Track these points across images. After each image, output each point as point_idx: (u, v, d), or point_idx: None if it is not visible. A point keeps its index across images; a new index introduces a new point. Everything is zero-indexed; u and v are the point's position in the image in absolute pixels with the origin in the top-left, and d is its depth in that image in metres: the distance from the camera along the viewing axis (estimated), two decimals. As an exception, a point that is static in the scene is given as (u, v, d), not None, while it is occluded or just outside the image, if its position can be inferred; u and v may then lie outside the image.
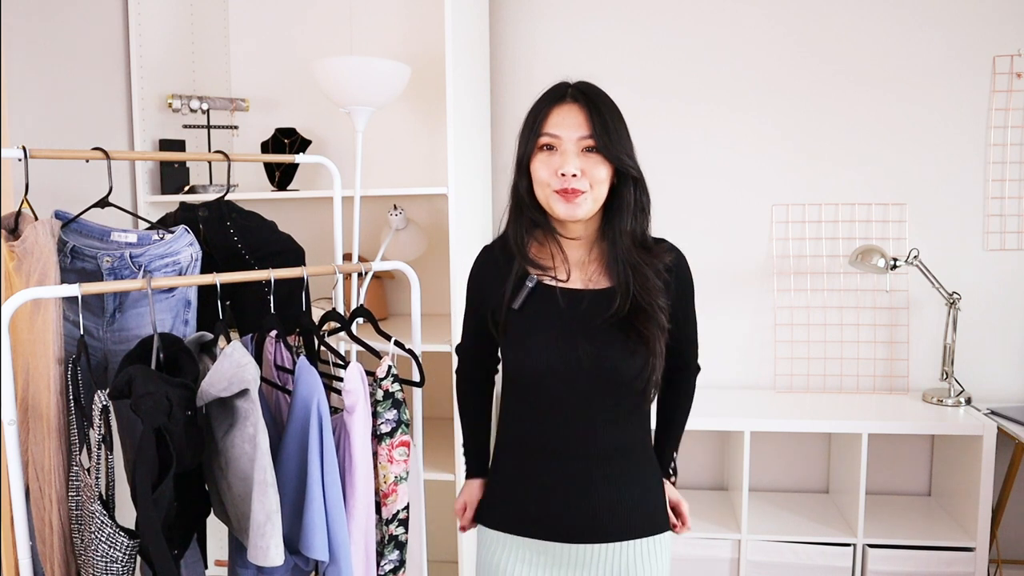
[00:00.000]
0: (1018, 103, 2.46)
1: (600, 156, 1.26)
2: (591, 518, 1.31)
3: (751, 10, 2.56)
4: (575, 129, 1.25)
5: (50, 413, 1.36)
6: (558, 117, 1.27)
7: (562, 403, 1.29)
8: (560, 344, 1.27)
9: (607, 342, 1.27)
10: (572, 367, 1.27)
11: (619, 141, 1.27)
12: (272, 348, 1.56)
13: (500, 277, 1.35)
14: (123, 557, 1.29)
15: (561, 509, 1.31)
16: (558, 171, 1.25)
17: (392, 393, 1.53)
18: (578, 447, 1.30)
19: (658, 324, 1.27)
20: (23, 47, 2.02)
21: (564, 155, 1.25)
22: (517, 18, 2.66)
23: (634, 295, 1.27)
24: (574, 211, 1.26)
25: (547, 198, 1.28)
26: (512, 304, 1.31)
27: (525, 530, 1.34)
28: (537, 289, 1.32)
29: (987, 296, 2.52)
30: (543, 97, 1.31)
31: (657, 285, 1.29)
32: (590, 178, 1.25)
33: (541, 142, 1.28)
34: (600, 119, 1.25)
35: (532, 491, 1.34)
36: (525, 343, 1.30)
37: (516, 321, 1.32)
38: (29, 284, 1.37)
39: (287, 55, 2.68)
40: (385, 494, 1.53)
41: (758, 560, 2.33)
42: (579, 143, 1.25)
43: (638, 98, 2.61)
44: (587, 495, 1.30)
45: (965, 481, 2.32)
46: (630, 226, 1.30)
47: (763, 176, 2.60)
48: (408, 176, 2.64)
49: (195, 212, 1.73)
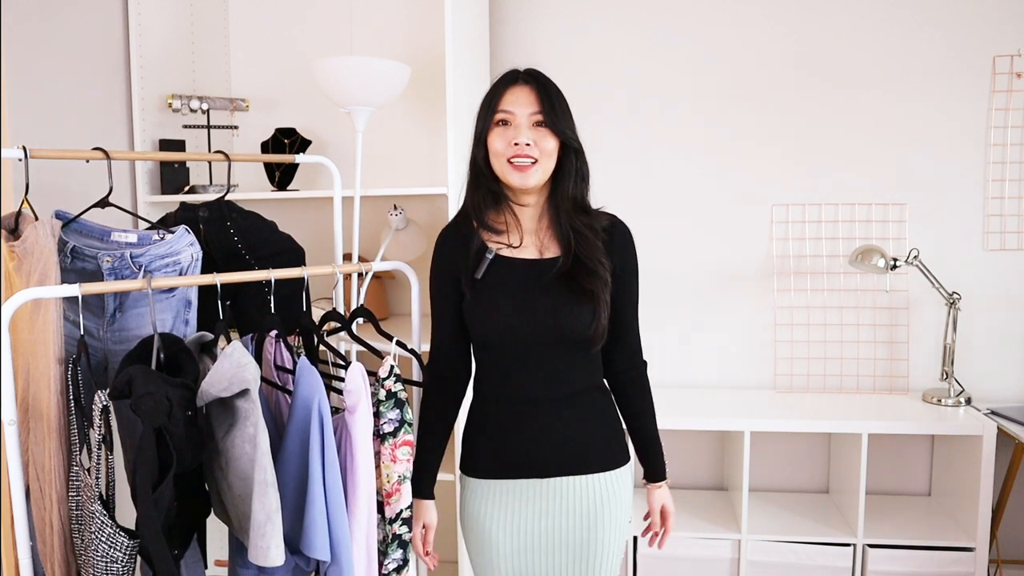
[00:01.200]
0: (1018, 103, 2.46)
1: (548, 130, 1.44)
2: (557, 454, 1.48)
3: (751, 10, 2.56)
4: (527, 106, 1.44)
5: (50, 413, 1.36)
6: (512, 96, 1.45)
7: (525, 356, 1.46)
8: (519, 304, 1.44)
9: (558, 298, 1.44)
10: (531, 323, 1.43)
11: (564, 117, 1.45)
12: (272, 348, 1.56)
13: (465, 249, 1.49)
14: (123, 557, 1.29)
15: (530, 448, 1.48)
16: (512, 141, 1.42)
17: (395, 393, 1.53)
18: (541, 392, 1.47)
19: (600, 277, 1.44)
20: (23, 47, 2.02)
21: (517, 128, 1.43)
22: (517, 18, 2.66)
23: (576, 253, 1.44)
24: (526, 179, 1.43)
25: (502, 168, 1.44)
26: (475, 275, 1.46)
27: (499, 472, 1.50)
28: (496, 260, 1.47)
29: (987, 296, 2.52)
30: (499, 81, 1.49)
31: (596, 245, 1.46)
32: (539, 148, 1.43)
33: (497, 118, 1.45)
34: (548, 98, 1.44)
35: (505, 436, 1.50)
36: (489, 307, 1.46)
37: (480, 289, 1.47)
38: (29, 284, 1.36)
39: (287, 55, 2.68)
40: (388, 493, 1.53)
41: (758, 560, 2.33)
42: (530, 118, 1.43)
43: (638, 98, 2.61)
44: (552, 433, 1.48)
45: (965, 481, 2.32)
46: (571, 191, 1.48)
47: (763, 176, 2.60)
48: (408, 176, 2.64)
49: (195, 212, 1.73)
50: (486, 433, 1.53)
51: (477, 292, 1.47)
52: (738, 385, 2.67)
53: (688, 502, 2.57)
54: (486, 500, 1.52)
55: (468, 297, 1.48)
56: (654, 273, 2.62)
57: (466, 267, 1.48)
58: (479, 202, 1.50)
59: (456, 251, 1.51)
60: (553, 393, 1.48)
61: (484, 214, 1.49)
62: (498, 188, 1.49)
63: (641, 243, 1.58)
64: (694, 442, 2.70)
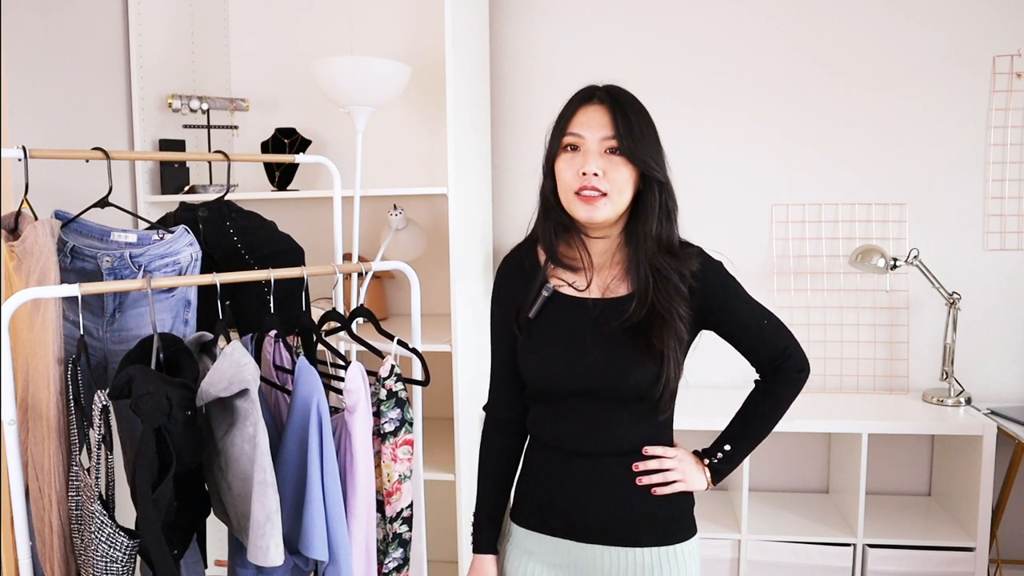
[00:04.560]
0: (1018, 103, 2.46)
1: (623, 158, 1.25)
2: (600, 518, 1.30)
3: (751, 11, 2.56)
4: (599, 129, 1.25)
5: (50, 413, 1.36)
6: (583, 117, 1.27)
7: (571, 408, 1.30)
8: (568, 353, 1.28)
9: (616, 351, 1.26)
10: (578, 376, 1.27)
11: (644, 144, 1.26)
12: (271, 348, 1.56)
13: (526, 281, 1.35)
14: (123, 557, 1.29)
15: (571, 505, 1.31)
16: (580, 171, 1.24)
17: (395, 392, 1.53)
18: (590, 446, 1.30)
19: (675, 333, 1.26)
20: (23, 47, 2.02)
21: (587, 155, 1.25)
22: (517, 18, 2.66)
23: (652, 301, 1.26)
24: (592, 214, 1.25)
25: (569, 202, 1.27)
26: (528, 313, 1.31)
27: (539, 525, 1.34)
28: (553, 298, 1.32)
29: (987, 296, 2.52)
30: (572, 99, 1.32)
31: (681, 291, 1.28)
32: (611, 180, 1.24)
33: (565, 142, 1.28)
34: (625, 120, 1.26)
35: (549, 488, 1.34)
36: (537, 351, 1.31)
37: (531, 330, 1.32)
38: (29, 284, 1.37)
39: (287, 55, 2.68)
40: (389, 492, 1.53)
41: (758, 560, 2.33)
42: (602, 143, 1.25)
43: (638, 98, 2.60)
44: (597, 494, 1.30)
45: (965, 481, 2.32)
46: (655, 231, 1.29)
47: (763, 176, 2.60)
48: (408, 176, 2.64)
49: (195, 212, 1.73)
50: (533, 480, 1.37)
51: (529, 332, 1.32)
52: (739, 385, 2.66)
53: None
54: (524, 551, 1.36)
55: (520, 336, 1.33)
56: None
57: (524, 304, 1.33)
58: (549, 236, 1.32)
59: (518, 283, 1.35)
60: (603, 448, 1.29)
61: (555, 248, 1.32)
62: (568, 220, 1.30)
63: None
64: (694, 442, 2.68)
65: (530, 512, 1.36)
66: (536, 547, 1.35)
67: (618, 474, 1.30)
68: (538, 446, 1.37)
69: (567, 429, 1.30)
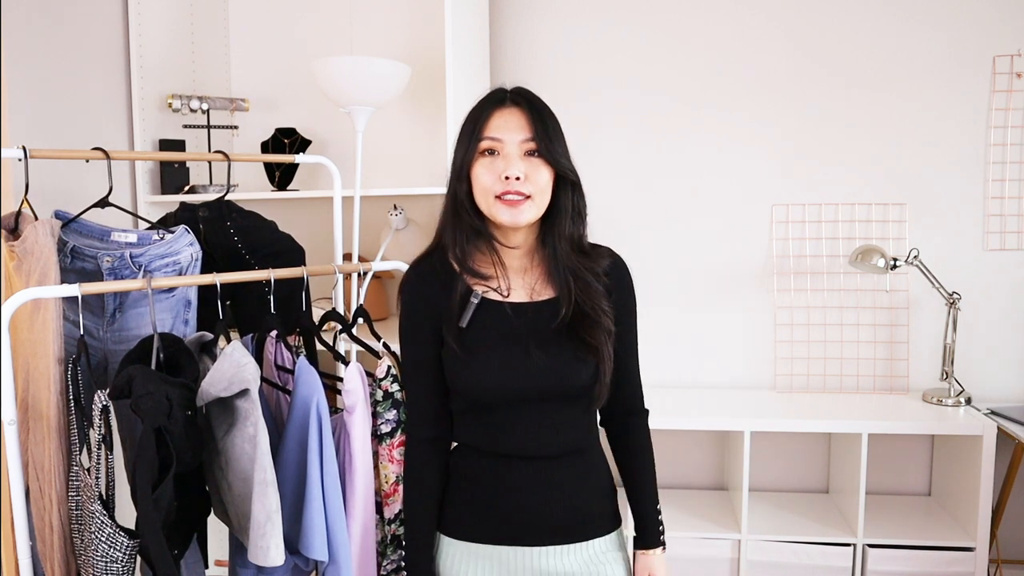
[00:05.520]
0: (1018, 103, 2.46)
1: (542, 160, 1.25)
2: (548, 519, 1.30)
3: (751, 11, 2.56)
4: (517, 132, 1.24)
5: (50, 413, 1.36)
6: (500, 120, 1.26)
7: (514, 413, 1.28)
8: (512, 359, 1.26)
9: (557, 353, 1.26)
10: (526, 380, 1.26)
11: (559, 145, 1.26)
12: (272, 348, 1.56)
13: (444, 290, 1.30)
14: (123, 557, 1.29)
15: (517, 511, 1.30)
16: (502, 175, 1.23)
17: (392, 393, 1.53)
18: (532, 449, 1.29)
19: (604, 329, 1.28)
20: (23, 47, 2.02)
21: (507, 158, 1.24)
22: (517, 18, 2.66)
23: (576, 301, 1.27)
24: (517, 217, 1.24)
25: (490, 206, 1.25)
26: (460, 322, 1.27)
27: (482, 535, 1.31)
28: (482, 304, 1.28)
29: (987, 296, 2.52)
30: (482, 101, 1.29)
31: (598, 289, 1.29)
32: (533, 182, 1.24)
33: (483, 146, 1.26)
34: (541, 122, 1.25)
35: (489, 496, 1.31)
36: (476, 361, 1.27)
37: (464, 339, 1.28)
38: (29, 284, 1.37)
39: (287, 55, 2.68)
40: (387, 494, 1.53)
41: (758, 560, 2.33)
42: (521, 146, 1.24)
43: (638, 98, 2.61)
44: (544, 495, 1.29)
45: (965, 481, 2.32)
46: (568, 231, 1.30)
47: (763, 176, 2.60)
48: (408, 176, 2.64)
49: (195, 212, 1.73)
50: (467, 491, 1.33)
51: (461, 342, 1.27)
52: (738, 385, 2.67)
53: (688, 502, 2.57)
54: (465, 565, 1.32)
55: (452, 348, 1.27)
56: (654, 274, 2.62)
57: (449, 314, 1.28)
58: (462, 243, 1.29)
59: (436, 293, 1.30)
60: (546, 451, 1.29)
61: (468, 255, 1.29)
62: (481, 225, 1.29)
63: (641, 243, 1.53)
64: (694, 442, 2.70)
65: (468, 522, 1.32)
66: (477, 557, 1.31)
67: (570, 473, 1.31)
68: (475, 455, 1.32)
69: (513, 435, 1.28)
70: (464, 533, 1.33)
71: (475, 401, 1.30)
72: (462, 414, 1.34)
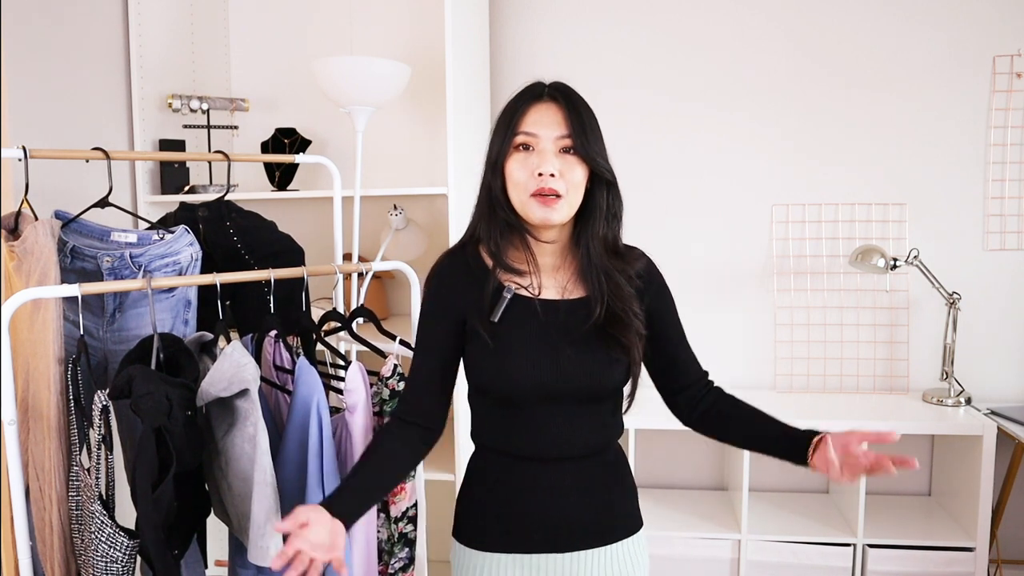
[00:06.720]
0: (1018, 103, 2.46)
1: (577, 157, 1.22)
2: (578, 522, 1.27)
3: (751, 10, 2.56)
4: (553, 128, 1.22)
5: (50, 413, 1.36)
6: (536, 115, 1.23)
7: (543, 413, 1.25)
8: (543, 356, 1.24)
9: (589, 353, 1.25)
10: (558, 378, 1.24)
11: (596, 143, 1.24)
12: (272, 348, 1.56)
13: (475, 284, 1.28)
14: (123, 557, 1.29)
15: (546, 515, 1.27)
16: (535, 171, 1.21)
17: (397, 392, 1.53)
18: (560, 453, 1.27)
19: (635, 331, 1.26)
20: (23, 47, 2.02)
21: (542, 154, 1.21)
22: (517, 18, 2.66)
23: (608, 303, 1.25)
24: (550, 215, 1.22)
25: (523, 203, 1.23)
26: (492, 317, 1.25)
27: (508, 544, 1.28)
28: (513, 300, 1.26)
29: (987, 296, 2.52)
30: (519, 95, 1.27)
31: (630, 292, 1.28)
32: (567, 180, 1.22)
33: (517, 141, 1.23)
34: (578, 119, 1.23)
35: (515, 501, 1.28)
36: (506, 357, 1.25)
37: (494, 335, 1.25)
38: (29, 284, 1.37)
39: (287, 55, 2.68)
40: (393, 493, 1.53)
41: (758, 560, 2.33)
42: (557, 142, 1.22)
43: (639, 98, 2.61)
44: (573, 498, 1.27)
45: (965, 481, 2.32)
46: (602, 232, 1.27)
47: (763, 176, 2.60)
48: (408, 176, 2.64)
49: (195, 212, 1.73)
50: (490, 496, 1.30)
51: (491, 337, 1.24)
52: (738, 385, 2.66)
53: (688, 502, 2.57)
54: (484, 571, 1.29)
55: (484, 343, 1.24)
56: (654, 273, 2.62)
57: (479, 308, 1.26)
58: (495, 237, 1.27)
59: (466, 286, 1.28)
60: (575, 452, 1.27)
61: (502, 249, 1.27)
62: (515, 220, 1.26)
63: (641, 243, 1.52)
64: (694, 442, 2.69)
65: (494, 532, 1.29)
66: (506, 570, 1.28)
67: (599, 474, 1.30)
68: (499, 458, 1.29)
69: (541, 436, 1.26)
70: (488, 543, 1.29)
71: (504, 399, 1.26)
72: (486, 415, 1.31)
